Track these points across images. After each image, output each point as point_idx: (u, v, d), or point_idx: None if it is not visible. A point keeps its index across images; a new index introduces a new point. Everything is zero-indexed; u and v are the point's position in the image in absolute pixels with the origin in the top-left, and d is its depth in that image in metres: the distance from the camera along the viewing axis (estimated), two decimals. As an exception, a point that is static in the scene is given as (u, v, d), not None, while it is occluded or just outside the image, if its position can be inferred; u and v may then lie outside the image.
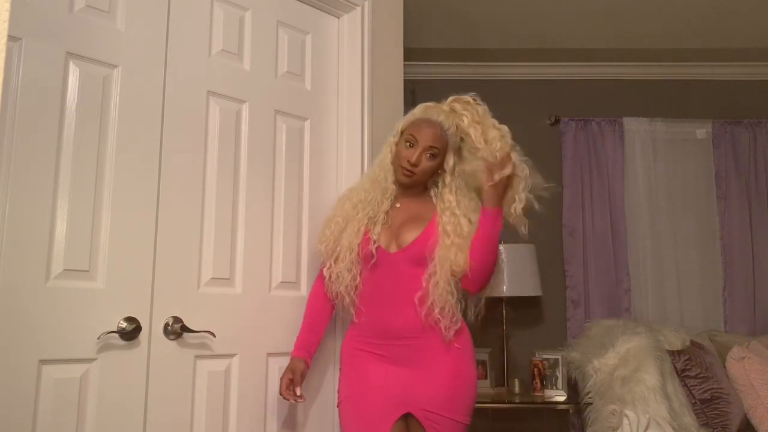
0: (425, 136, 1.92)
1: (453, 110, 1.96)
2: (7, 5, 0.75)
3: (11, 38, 1.58)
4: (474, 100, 1.96)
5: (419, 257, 1.89)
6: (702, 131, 3.90)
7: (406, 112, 2.26)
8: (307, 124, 2.27)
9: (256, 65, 2.14)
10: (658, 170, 3.85)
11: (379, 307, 1.92)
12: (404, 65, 2.56)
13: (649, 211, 3.80)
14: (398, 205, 2.00)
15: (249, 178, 2.07)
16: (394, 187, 1.98)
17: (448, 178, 1.97)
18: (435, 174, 1.99)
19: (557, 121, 3.92)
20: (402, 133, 1.98)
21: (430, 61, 3.77)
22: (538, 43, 3.72)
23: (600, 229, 3.77)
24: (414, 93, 3.51)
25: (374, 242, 1.92)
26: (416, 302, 1.86)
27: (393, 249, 1.93)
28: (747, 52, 3.81)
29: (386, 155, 2.01)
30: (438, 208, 1.95)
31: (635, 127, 3.88)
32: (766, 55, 3.84)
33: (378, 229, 1.94)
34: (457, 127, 1.95)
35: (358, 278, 1.94)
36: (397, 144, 1.98)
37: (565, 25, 3.51)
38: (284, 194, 2.17)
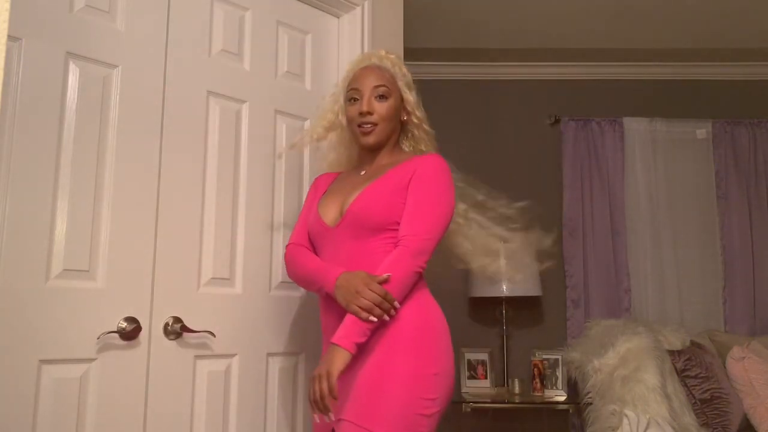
0: (366, 81, 1.68)
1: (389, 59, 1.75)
2: (7, 5, 0.75)
3: (11, 38, 1.58)
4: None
5: (360, 222, 1.54)
6: (702, 131, 3.90)
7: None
8: (307, 124, 2.27)
9: (256, 65, 2.14)
10: (658, 170, 3.85)
11: (325, 300, 1.62)
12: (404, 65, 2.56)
13: (649, 211, 3.80)
14: (363, 172, 1.71)
15: (249, 178, 2.07)
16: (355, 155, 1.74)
17: (415, 119, 1.72)
18: (400, 122, 1.73)
19: (557, 121, 3.91)
20: (346, 96, 1.73)
21: (430, 61, 3.76)
22: (538, 43, 3.72)
23: (600, 228, 3.77)
24: (414, 93, 3.50)
25: (315, 216, 1.66)
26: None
27: (332, 222, 1.62)
28: (747, 52, 3.81)
29: (337, 123, 1.78)
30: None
31: (635, 127, 3.88)
32: (765, 55, 3.84)
33: (323, 200, 1.67)
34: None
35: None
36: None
37: (565, 25, 3.51)
38: (284, 194, 2.17)
